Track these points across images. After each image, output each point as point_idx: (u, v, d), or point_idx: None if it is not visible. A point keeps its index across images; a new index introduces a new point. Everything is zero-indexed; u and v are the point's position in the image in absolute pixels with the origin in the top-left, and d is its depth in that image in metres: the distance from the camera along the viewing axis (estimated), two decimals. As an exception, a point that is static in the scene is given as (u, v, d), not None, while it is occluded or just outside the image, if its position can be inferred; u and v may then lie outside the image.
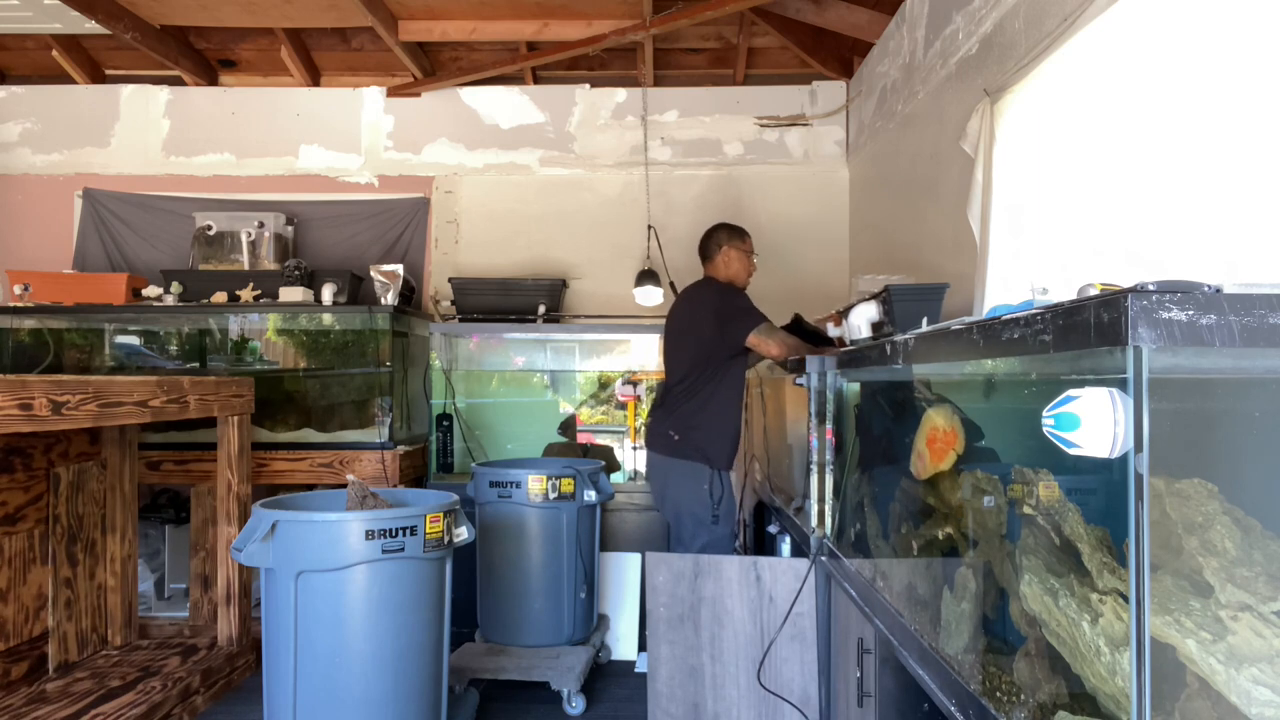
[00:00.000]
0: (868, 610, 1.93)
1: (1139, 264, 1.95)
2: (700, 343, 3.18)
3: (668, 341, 3.45)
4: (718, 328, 3.13)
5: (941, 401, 1.71)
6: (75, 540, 3.28)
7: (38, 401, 2.31)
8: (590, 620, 3.64)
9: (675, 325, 3.38)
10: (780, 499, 3.22)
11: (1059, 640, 1.12)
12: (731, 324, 3.10)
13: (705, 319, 3.18)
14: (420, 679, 2.45)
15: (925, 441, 1.70)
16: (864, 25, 4.31)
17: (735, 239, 3.34)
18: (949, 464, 1.59)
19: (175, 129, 5.04)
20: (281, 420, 4.19)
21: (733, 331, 3.09)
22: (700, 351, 3.19)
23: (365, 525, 2.28)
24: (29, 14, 4.17)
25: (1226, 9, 1.72)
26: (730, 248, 3.32)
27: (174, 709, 2.95)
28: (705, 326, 3.17)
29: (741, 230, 3.40)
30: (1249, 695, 0.90)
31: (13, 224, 5.04)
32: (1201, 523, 0.99)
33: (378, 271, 4.18)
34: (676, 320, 3.38)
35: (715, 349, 3.16)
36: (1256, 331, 0.87)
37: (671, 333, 3.40)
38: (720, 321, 3.13)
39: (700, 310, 3.23)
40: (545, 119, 5.03)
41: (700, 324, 3.20)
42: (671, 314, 3.44)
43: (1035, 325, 1.05)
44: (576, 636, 3.50)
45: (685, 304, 3.36)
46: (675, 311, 3.42)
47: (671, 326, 3.40)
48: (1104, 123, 2.12)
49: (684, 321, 3.31)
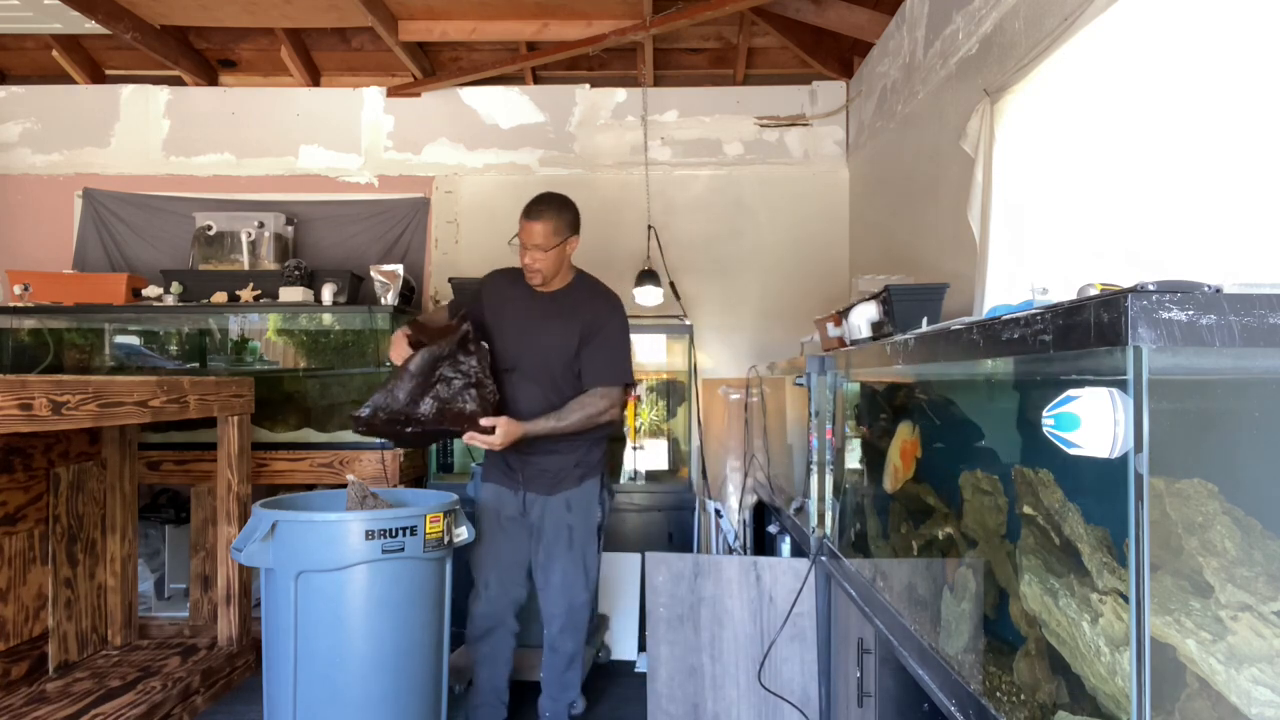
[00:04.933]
0: (868, 610, 1.93)
1: (1139, 264, 1.94)
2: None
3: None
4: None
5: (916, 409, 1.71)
6: (75, 540, 3.28)
7: (38, 401, 2.31)
8: (590, 620, 3.63)
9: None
10: (780, 499, 3.22)
11: (1059, 640, 1.12)
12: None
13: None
14: (420, 679, 2.45)
15: (899, 452, 1.72)
16: (864, 25, 4.31)
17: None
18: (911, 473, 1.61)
19: (175, 129, 5.04)
20: (281, 420, 4.19)
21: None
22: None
23: (365, 525, 2.28)
24: (29, 14, 4.17)
25: (1226, 9, 1.72)
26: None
27: (174, 709, 2.95)
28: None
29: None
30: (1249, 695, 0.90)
31: (13, 224, 5.04)
32: (1201, 523, 0.99)
33: (378, 271, 4.18)
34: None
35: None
36: (1256, 331, 0.87)
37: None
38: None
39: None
40: (545, 119, 5.03)
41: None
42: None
43: (1035, 325, 1.05)
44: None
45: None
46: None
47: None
48: (1104, 123, 2.12)
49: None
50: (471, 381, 2.61)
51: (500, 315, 2.86)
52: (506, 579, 2.85)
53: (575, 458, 2.82)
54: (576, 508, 2.82)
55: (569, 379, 2.78)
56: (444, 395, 2.58)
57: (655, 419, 4.82)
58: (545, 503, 2.80)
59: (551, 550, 2.81)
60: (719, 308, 4.95)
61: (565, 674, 2.90)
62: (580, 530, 2.82)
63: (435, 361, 2.57)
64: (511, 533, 2.83)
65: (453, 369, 2.60)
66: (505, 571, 2.85)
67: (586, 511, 2.84)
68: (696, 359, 4.78)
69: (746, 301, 4.95)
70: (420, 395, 2.56)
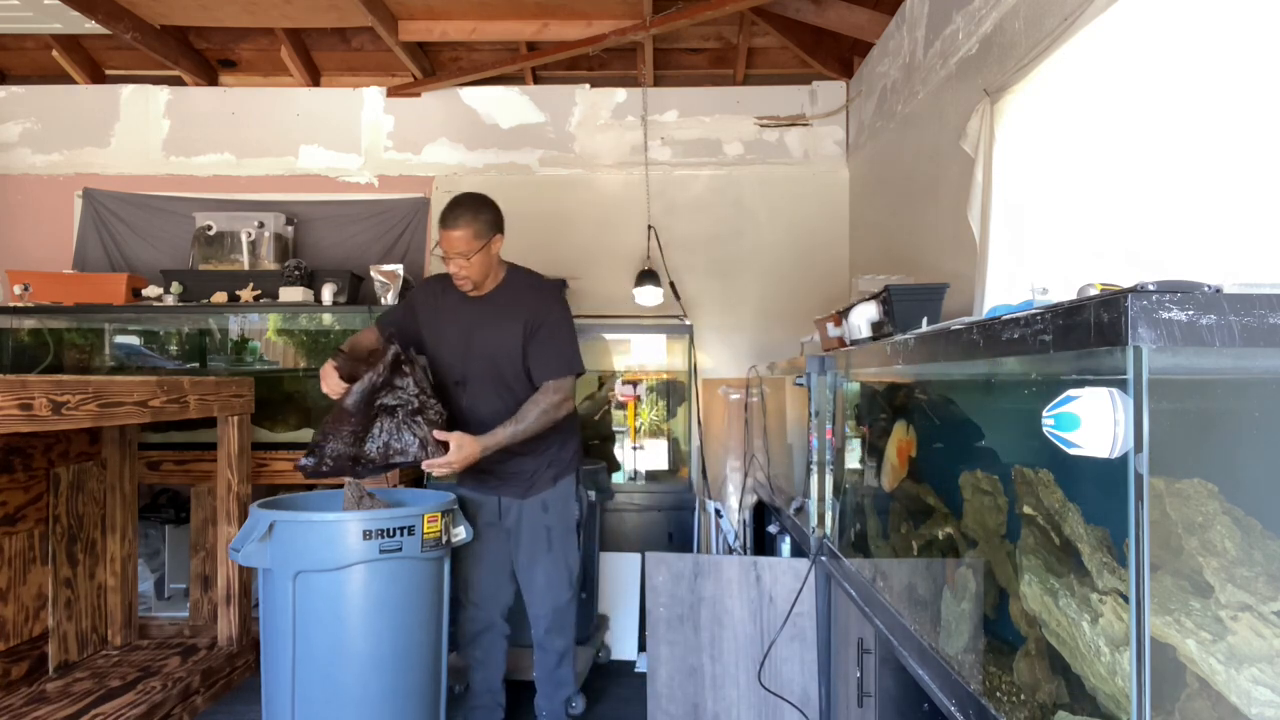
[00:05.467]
0: (868, 610, 1.93)
1: (1139, 264, 1.94)
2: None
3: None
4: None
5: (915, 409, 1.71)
6: (75, 540, 3.28)
7: (38, 401, 2.31)
8: (590, 620, 3.63)
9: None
10: (780, 499, 3.22)
11: (1059, 640, 1.12)
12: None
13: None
14: (418, 678, 2.45)
15: (895, 451, 1.72)
16: (864, 25, 4.31)
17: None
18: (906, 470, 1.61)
19: (175, 129, 5.03)
20: (281, 420, 4.19)
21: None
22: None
23: (363, 525, 2.28)
24: (29, 14, 4.17)
25: (1226, 9, 1.72)
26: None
27: (174, 709, 2.95)
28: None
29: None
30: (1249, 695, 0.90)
31: (13, 224, 5.04)
32: (1201, 523, 0.99)
33: (378, 271, 4.18)
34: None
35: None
36: (1256, 331, 0.87)
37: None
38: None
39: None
40: (545, 119, 5.03)
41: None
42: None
43: (1035, 325, 1.05)
44: (577, 637, 3.49)
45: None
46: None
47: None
48: (1104, 122, 2.12)
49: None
50: (414, 407, 2.51)
51: (437, 327, 2.77)
52: (491, 584, 2.85)
53: (548, 458, 2.78)
54: (553, 508, 2.79)
55: (521, 379, 2.71)
56: (389, 428, 2.49)
57: (655, 419, 4.82)
58: (521, 506, 2.78)
59: (532, 553, 2.79)
60: (719, 308, 4.95)
61: (557, 671, 2.89)
62: (558, 530, 2.79)
63: (372, 393, 2.47)
64: (489, 538, 2.81)
65: (392, 396, 2.50)
66: (489, 576, 2.84)
67: (564, 511, 2.81)
68: (696, 359, 4.78)
69: (746, 301, 4.95)
70: (364, 433, 2.48)
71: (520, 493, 2.77)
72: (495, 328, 2.69)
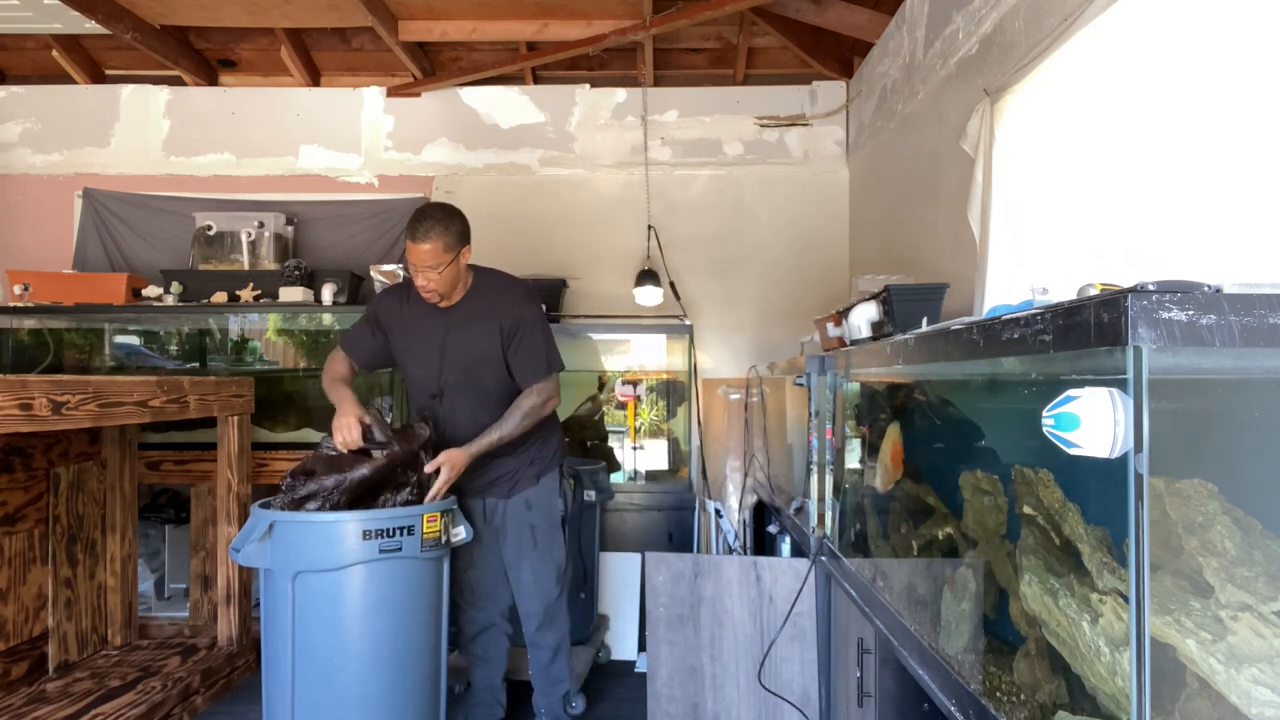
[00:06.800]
0: (868, 610, 1.93)
1: (1139, 264, 1.94)
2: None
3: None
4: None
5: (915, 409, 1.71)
6: (75, 540, 3.28)
7: (38, 401, 2.31)
8: (590, 620, 3.63)
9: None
10: (780, 499, 3.22)
11: (1059, 640, 1.12)
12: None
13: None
14: (418, 678, 2.45)
15: (889, 453, 1.72)
16: (864, 25, 4.31)
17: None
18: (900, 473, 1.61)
19: (175, 129, 5.03)
20: (281, 420, 4.19)
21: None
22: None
23: (362, 525, 2.28)
24: (29, 14, 4.17)
25: (1226, 9, 1.72)
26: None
27: (174, 709, 2.95)
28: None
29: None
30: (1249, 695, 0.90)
31: (13, 224, 5.04)
32: (1201, 523, 0.99)
33: (378, 271, 4.18)
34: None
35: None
36: (1256, 331, 0.87)
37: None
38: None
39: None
40: (545, 119, 5.03)
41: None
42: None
43: (1035, 325, 1.05)
44: (576, 636, 3.50)
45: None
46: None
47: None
48: (1104, 122, 2.12)
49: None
50: (416, 480, 2.49)
51: (408, 341, 2.71)
52: (486, 585, 2.86)
53: (529, 456, 2.78)
54: (537, 506, 2.79)
55: (502, 382, 2.68)
56: (388, 492, 2.47)
57: (655, 419, 4.82)
58: (505, 506, 2.78)
59: (519, 551, 2.79)
60: (719, 308, 4.95)
61: (551, 667, 2.89)
62: (543, 527, 2.80)
63: (390, 470, 2.44)
64: (480, 540, 2.81)
65: (404, 475, 2.49)
66: (483, 577, 2.86)
67: (548, 508, 2.81)
68: (696, 359, 4.77)
69: (746, 301, 4.95)
70: (364, 490, 2.44)
71: (504, 492, 2.78)
72: (469, 337, 2.65)
